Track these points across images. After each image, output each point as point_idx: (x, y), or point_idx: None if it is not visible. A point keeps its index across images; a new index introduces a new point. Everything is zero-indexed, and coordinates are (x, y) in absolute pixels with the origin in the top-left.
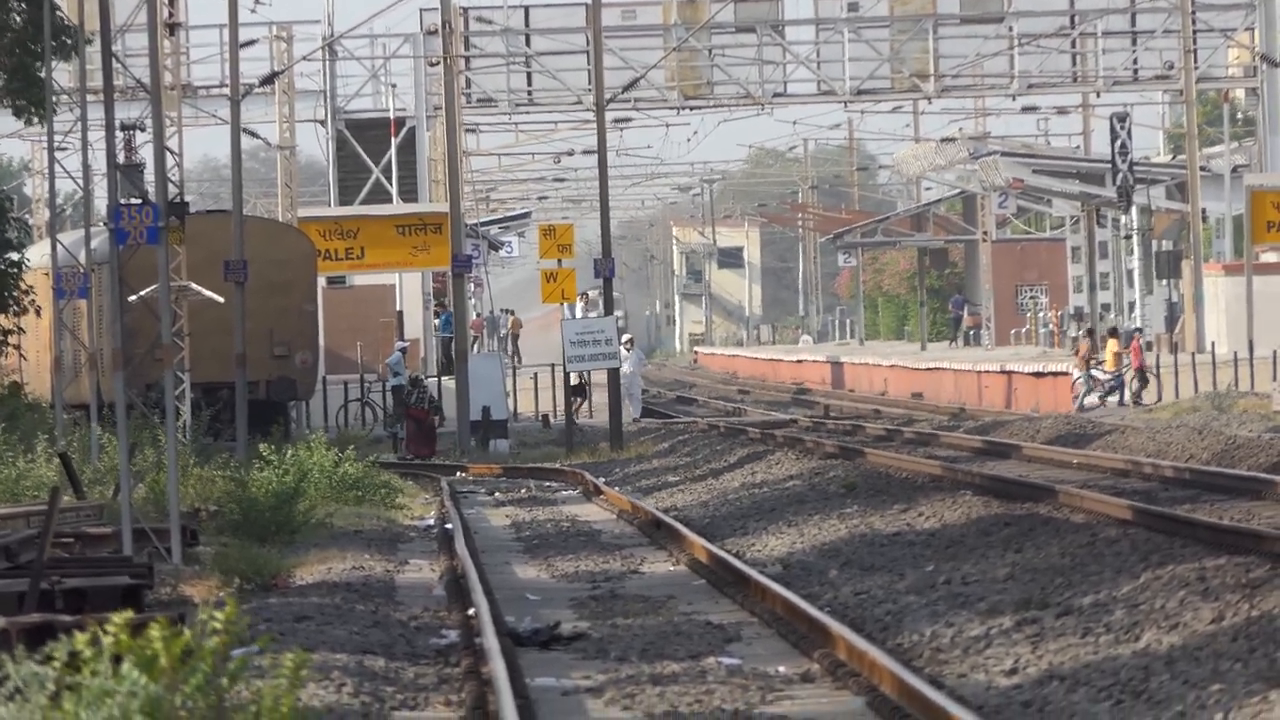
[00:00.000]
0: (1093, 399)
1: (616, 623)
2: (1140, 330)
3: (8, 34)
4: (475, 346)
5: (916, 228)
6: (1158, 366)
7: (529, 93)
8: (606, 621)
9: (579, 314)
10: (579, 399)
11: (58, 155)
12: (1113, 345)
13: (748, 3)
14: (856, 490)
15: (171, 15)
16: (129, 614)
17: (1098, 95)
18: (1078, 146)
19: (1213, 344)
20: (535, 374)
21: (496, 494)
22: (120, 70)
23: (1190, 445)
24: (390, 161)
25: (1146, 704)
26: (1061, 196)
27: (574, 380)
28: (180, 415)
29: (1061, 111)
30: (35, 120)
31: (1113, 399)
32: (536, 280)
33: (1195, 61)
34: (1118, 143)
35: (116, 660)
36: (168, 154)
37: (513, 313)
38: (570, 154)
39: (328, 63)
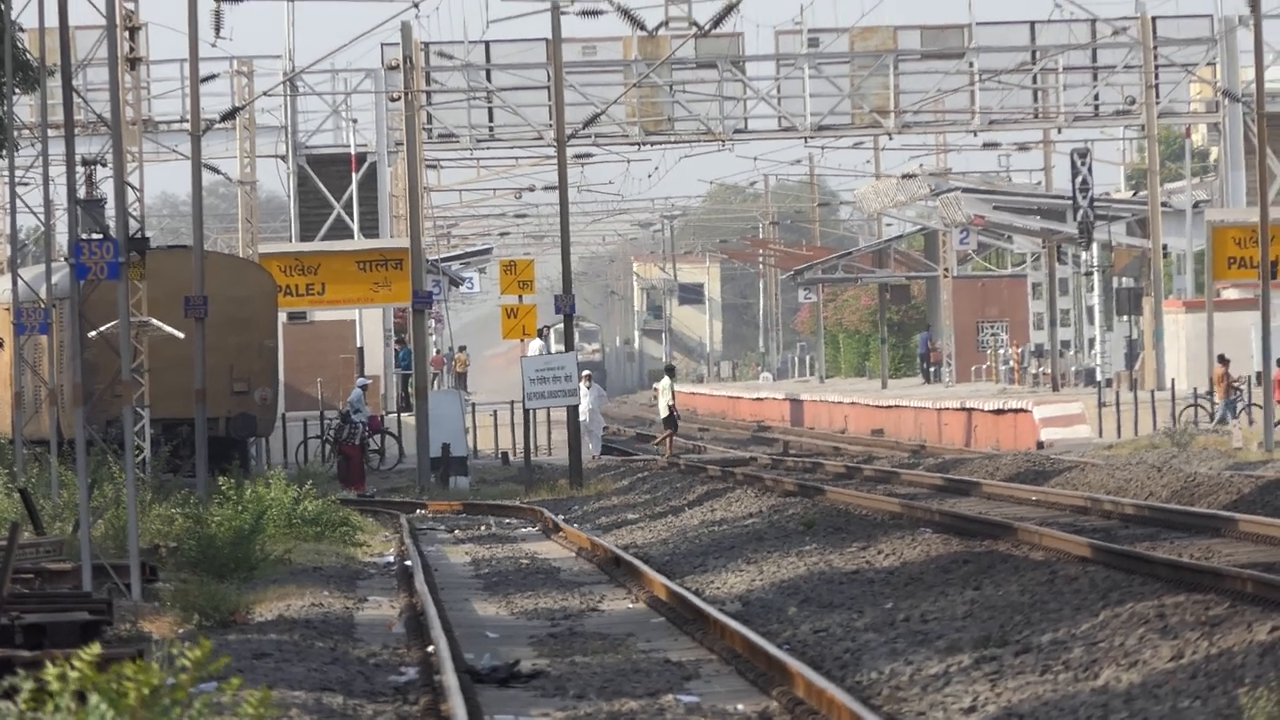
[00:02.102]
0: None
1: (575, 660)
2: None
3: None
4: (435, 383)
5: (877, 264)
6: (1117, 403)
7: (490, 128)
8: (565, 659)
9: (536, 350)
10: (669, 430)
11: (19, 190)
12: (1219, 371)
13: (708, 39)
14: (816, 528)
15: (132, 50)
16: (96, 649)
17: (1059, 131)
18: (1039, 182)
19: (1173, 381)
20: (495, 411)
21: (456, 531)
22: (81, 105)
23: (1150, 482)
24: (351, 197)
25: None
26: (1022, 233)
27: (665, 412)
28: (140, 451)
29: (1022, 147)
30: None
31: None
32: (498, 316)
33: (1157, 97)
34: (1079, 179)
35: (80, 697)
36: (128, 189)
37: (463, 349)
38: (531, 190)
39: (289, 98)
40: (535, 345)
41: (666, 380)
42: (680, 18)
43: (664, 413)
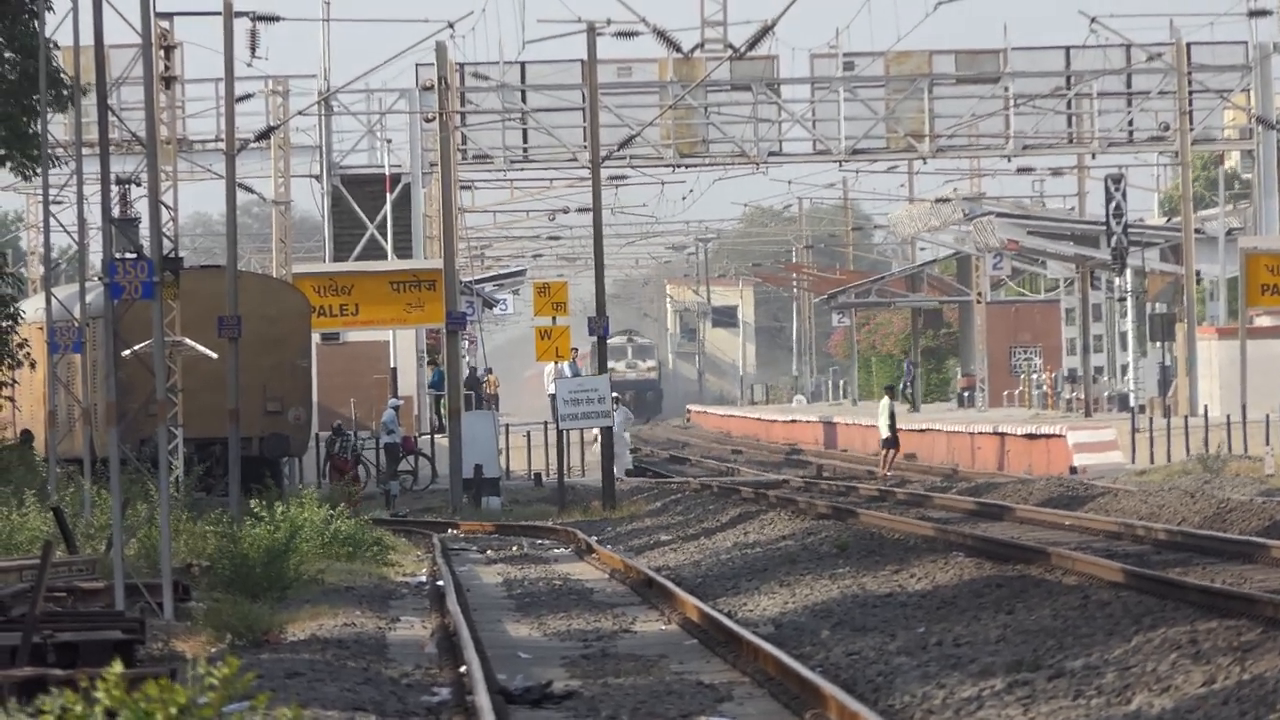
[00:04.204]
0: None
1: (608, 681)
2: None
3: (1, 86)
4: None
5: (911, 288)
6: (1151, 429)
7: (524, 149)
8: (598, 680)
9: (560, 372)
10: (893, 450)
11: (53, 209)
12: None
13: (743, 61)
14: (849, 551)
15: (167, 69)
16: (118, 668)
17: (1093, 156)
18: (1072, 208)
19: (1205, 407)
20: (528, 432)
21: (488, 551)
22: (116, 124)
23: (1182, 508)
24: (385, 217)
25: None
26: (1056, 258)
27: (886, 433)
28: (173, 470)
29: (1056, 173)
30: (31, 175)
31: None
32: (531, 337)
33: (1191, 123)
34: (1112, 204)
35: (110, 716)
36: (163, 208)
37: (490, 371)
38: (565, 211)
39: (323, 118)
40: (556, 368)
41: (886, 400)
42: (716, 40)
43: (885, 433)
